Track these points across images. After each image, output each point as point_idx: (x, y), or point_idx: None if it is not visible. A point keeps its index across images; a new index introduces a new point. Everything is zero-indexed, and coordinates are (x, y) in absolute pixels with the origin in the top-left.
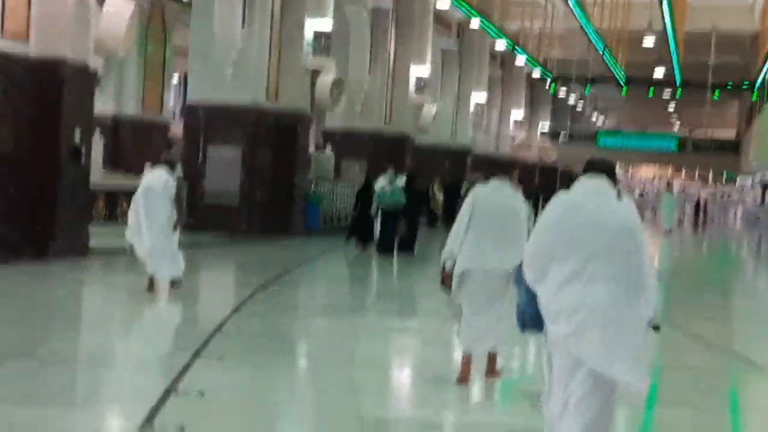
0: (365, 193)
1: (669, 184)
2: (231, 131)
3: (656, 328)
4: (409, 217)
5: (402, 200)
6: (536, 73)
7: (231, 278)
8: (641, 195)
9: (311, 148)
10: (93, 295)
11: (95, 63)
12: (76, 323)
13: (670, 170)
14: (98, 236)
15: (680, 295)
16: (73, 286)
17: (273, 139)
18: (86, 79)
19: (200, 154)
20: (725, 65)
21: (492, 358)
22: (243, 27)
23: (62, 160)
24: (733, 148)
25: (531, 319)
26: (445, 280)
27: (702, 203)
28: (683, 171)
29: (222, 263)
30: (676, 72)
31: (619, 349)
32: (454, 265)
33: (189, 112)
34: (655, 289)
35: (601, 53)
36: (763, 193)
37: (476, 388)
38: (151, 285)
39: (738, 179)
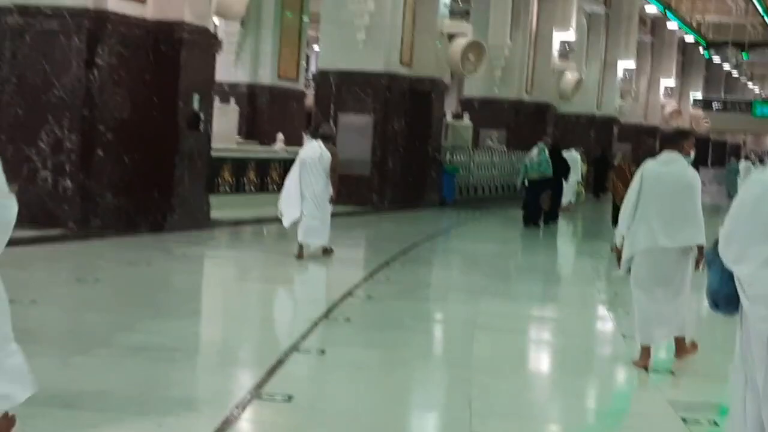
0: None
1: None
2: (363, 98)
3: None
4: (553, 188)
5: (548, 171)
6: (689, 39)
7: (357, 253)
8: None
9: (448, 117)
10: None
11: (224, 27)
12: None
13: None
14: (222, 207)
15: None
16: (183, 260)
17: (406, 106)
18: (206, 43)
19: (331, 122)
20: None
21: (680, 340)
22: None
23: (180, 128)
24: None
25: (725, 300)
26: (619, 259)
27: None
28: None
29: (351, 235)
30: None
31: None
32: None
33: (320, 78)
34: None
35: (761, 15)
36: None
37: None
38: (301, 252)
39: None
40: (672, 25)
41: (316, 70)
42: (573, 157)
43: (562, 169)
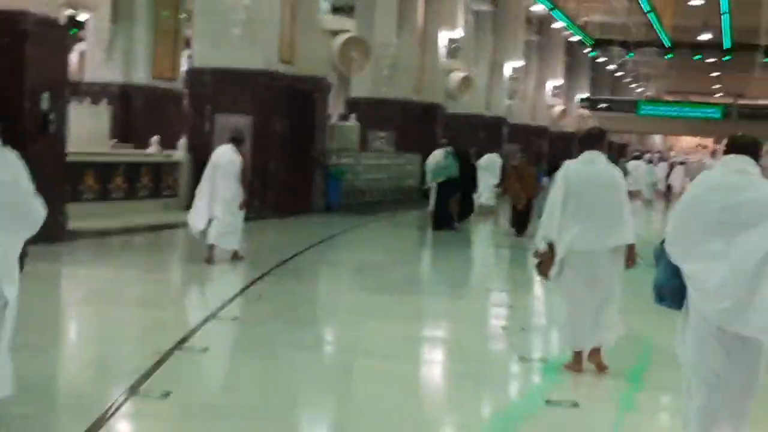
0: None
1: (714, 153)
2: (240, 98)
3: None
4: (463, 191)
5: (455, 173)
6: (575, 38)
7: (231, 265)
8: (682, 163)
9: (334, 118)
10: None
11: (93, 23)
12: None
13: (712, 141)
14: (84, 217)
15: None
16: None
17: (287, 106)
18: (56, 36)
19: (207, 123)
20: None
21: (596, 351)
22: None
23: (25, 130)
24: None
25: (671, 294)
26: (543, 264)
27: None
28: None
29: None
30: (725, 34)
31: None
32: (549, 248)
33: (194, 77)
34: None
35: (645, 14)
36: None
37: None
38: (211, 256)
39: None
40: (558, 24)
41: (189, 67)
42: (492, 159)
43: (470, 171)
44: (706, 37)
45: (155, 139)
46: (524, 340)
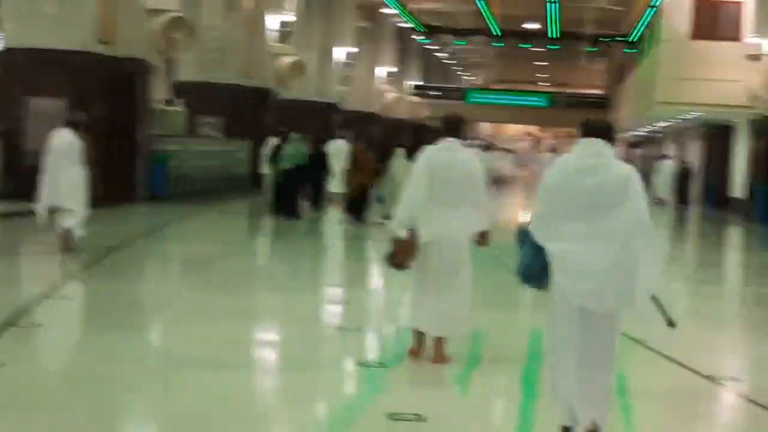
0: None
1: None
2: (56, 80)
3: (670, 322)
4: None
5: (303, 160)
6: (406, 25)
7: (43, 262)
8: (509, 150)
9: (161, 103)
10: None
11: None
12: None
13: (537, 128)
14: None
15: None
16: None
17: (107, 90)
18: None
19: (20, 108)
20: (599, 20)
21: (440, 342)
22: None
23: None
24: (604, 105)
25: (536, 275)
26: (400, 253)
27: None
28: (550, 129)
29: (39, 240)
30: (552, 24)
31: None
32: (409, 235)
33: (6, 57)
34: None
35: (475, 2)
36: (628, 151)
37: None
38: (67, 244)
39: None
40: (390, 10)
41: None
42: (340, 146)
43: (321, 159)
44: (533, 26)
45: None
46: (361, 342)
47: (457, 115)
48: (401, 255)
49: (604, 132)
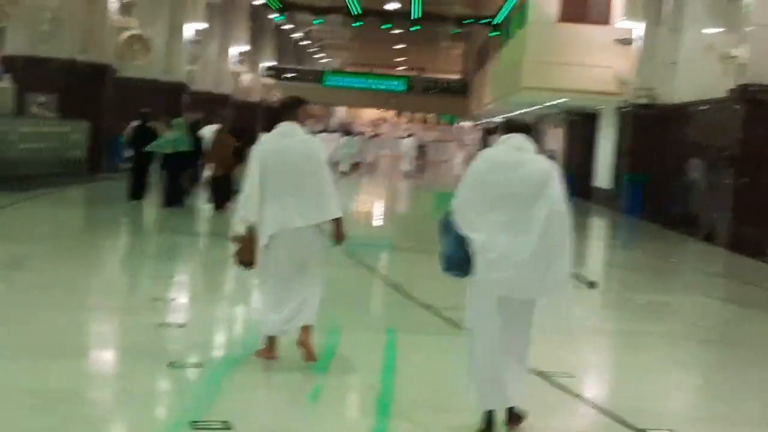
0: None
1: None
2: None
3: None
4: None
5: (186, 145)
6: (260, 2)
7: None
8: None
9: None
10: None
11: None
12: None
13: (394, 113)
14: None
15: None
16: None
17: None
18: None
19: None
20: (462, 1)
21: (306, 330)
22: None
23: None
24: (461, 90)
25: (458, 263)
26: (243, 250)
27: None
28: (407, 114)
29: None
30: (414, 4)
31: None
32: (248, 232)
33: None
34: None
35: None
36: (484, 139)
37: None
38: None
39: (459, 123)
40: None
41: None
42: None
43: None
44: (395, 6)
45: None
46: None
47: (294, 97)
48: (245, 252)
49: (525, 129)
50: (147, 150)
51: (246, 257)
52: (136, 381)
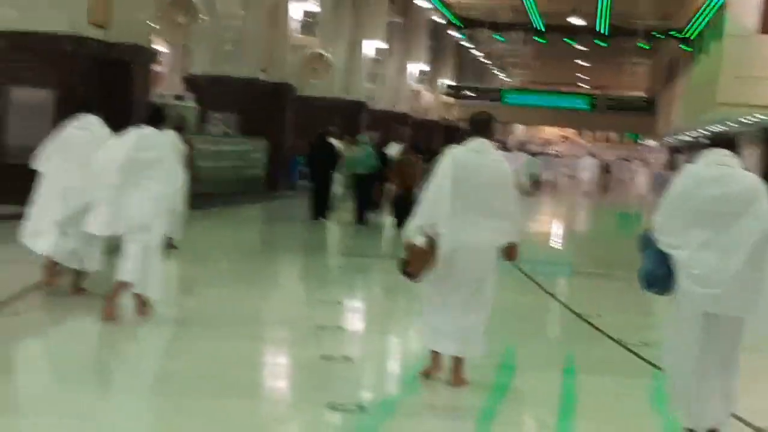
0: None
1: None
2: (41, 68)
3: None
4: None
5: (372, 164)
6: (441, 20)
7: None
8: (556, 156)
9: (168, 97)
10: None
11: None
12: None
13: (574, 132)
14: None
15: None
16: None
17: (99, 78)
18: None
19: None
20: (649, 14)
21: (458, 363)
22: None
23: None
24: (647, 108)
25: (660, 279)
26: (414, 261)
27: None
28: (588, 133)
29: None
30: (600, 18)
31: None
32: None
33: None
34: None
35: None
36: (672, 157)
37: None
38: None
39: (643, 142)
40: (423, 4)
41: None
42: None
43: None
44: (579, 22)
45: None
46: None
47: (486, 114)
48: (415, 264)
49: (731, 143)
50: (331, 170)
51: (414, 269)
52: (291, 424)
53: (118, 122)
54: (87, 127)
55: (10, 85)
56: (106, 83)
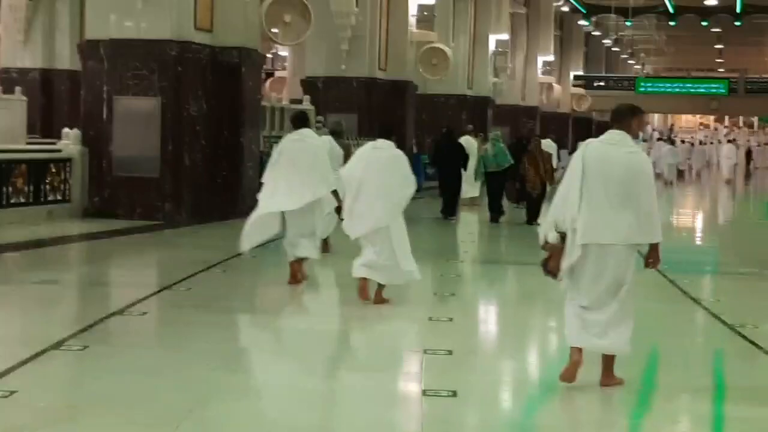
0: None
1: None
2: (146, 75)
3: None
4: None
5: (505, 161)
6: (566, 8)
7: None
8: (701, 143)
9: (284, 101)
10: None
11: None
12: None
13: (713, 119)
14: None
15: None
16: None
17: (207, 84)
18: None
19: (105, 108)
20: None
21: (609, 360)
22: None
23: None
24: None
25: None
26: (552, 258)
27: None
28: (726, 119)
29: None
30: None
31: None
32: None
33: (88, 51)
34: None
35: None
36: None
37: None
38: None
39: None
40: None
41: (81, 40)
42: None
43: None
44: (713, 2)
45: (68, 131)
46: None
47: (627, 105)
48: (554, 261)
49: None
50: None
51: (553, 265)
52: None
53: (230, 127)
54: (302, 138)
55: (116, 94)
56: (216, 88)
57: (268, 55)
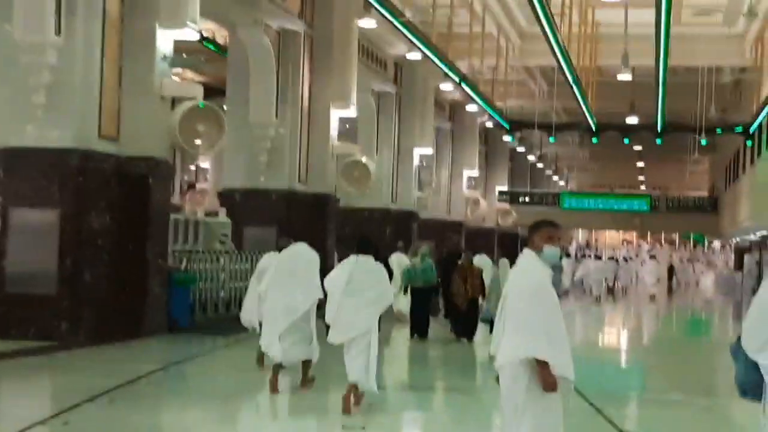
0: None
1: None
2: (45, 185)
3: None
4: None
5: (433, 278)
6: (491, 124)
7: None
8: (625, 260)
9: (199, 213)
10: None
11: None
12: None
13: (635, 234)
14: None
15: None
16: None
17: (112, 194)
18: None
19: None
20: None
21: None
22: (57, 34)
23: None
24: (710, 208)
25: (752, 388)
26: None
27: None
28: (649, 234)
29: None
30: (658, 115)
31: None
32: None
33: None
34: None
35: (567, 98)
36: (739, 258)
37: None
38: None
39: (707, 242)
40: (473, 108)
41: None
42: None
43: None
44: (634, 121)
45: None
46: None
47: (543, 221)
48: None
49: None
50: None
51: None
52: None
53: (135, 241)
54: (297, 255)
55: (11, 206)
56: (121, 199)
57: (191, 167)
